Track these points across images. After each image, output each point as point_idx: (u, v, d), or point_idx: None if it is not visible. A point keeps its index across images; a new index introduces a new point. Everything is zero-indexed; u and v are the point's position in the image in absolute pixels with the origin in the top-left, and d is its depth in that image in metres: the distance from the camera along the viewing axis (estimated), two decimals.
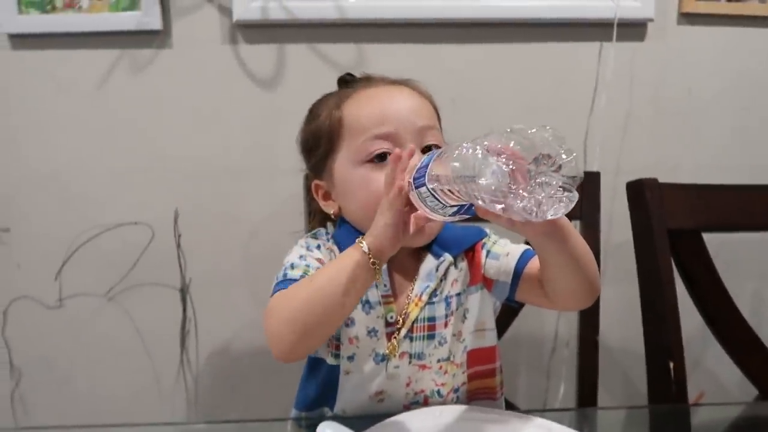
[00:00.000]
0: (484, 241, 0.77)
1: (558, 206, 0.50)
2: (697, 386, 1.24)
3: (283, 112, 1.19)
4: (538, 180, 0.49)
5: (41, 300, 1.23)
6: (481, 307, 0.76)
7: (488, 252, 0.76)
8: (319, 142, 0.75)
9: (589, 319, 1.02)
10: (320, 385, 0.75)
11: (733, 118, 1.31)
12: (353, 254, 0.62)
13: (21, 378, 1.26)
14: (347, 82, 0.79)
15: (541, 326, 1.33)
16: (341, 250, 0.73)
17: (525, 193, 0.49)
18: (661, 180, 0.95)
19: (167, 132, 1.21)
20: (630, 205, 0.98)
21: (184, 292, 1.24)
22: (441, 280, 0.73)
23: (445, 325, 0.73)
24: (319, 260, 0.72)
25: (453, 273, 0.74)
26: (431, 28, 1.22)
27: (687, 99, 1.29)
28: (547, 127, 0.50)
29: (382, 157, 0.70)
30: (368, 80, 0.77)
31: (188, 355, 1.28)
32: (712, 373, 1.33)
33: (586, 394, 1.02)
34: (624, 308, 1.19)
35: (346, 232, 0.74)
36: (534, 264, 0.72)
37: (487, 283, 0.76)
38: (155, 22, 1.16)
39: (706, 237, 0.96)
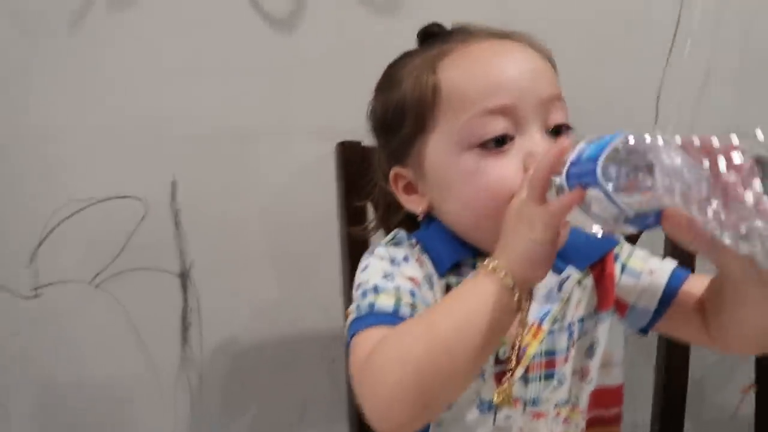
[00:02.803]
0: (616, 251, 0.62)
1: None
2: None
3: (303, 59, 1.06)
4: (756, 189, 0.38)
5: (14, 289, 1.09)
6: (611, 336, 0.62)
7: (623, 266, 0.62)
8: (404, 118, 0.60)
9: None
10: None
11: None
12: (486, 286, 0.47)
13: None
14: (435, 35, 0.63)
15: None
16: (435, 261, 0.59)
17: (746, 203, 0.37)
18: None
19: (160, 84, 1.06)
20: None
21: (184, 277, 1.13)
22: (565, 303, 0.59)
23: (566, 359, 0.59)
24: (411, 279, 0.56)
25: (576, 292, 0.60)
26: None
27: None
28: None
29: (497, 142, 0.55)
30: (465, 33, 0.61)
31: (191, 350, 1.17)
32: None
33: None
34: None
35: (437, 235, 0.60)
36: (691, 286, 0.58)
37: (620, 307, 0.62)
38: None
39: None
